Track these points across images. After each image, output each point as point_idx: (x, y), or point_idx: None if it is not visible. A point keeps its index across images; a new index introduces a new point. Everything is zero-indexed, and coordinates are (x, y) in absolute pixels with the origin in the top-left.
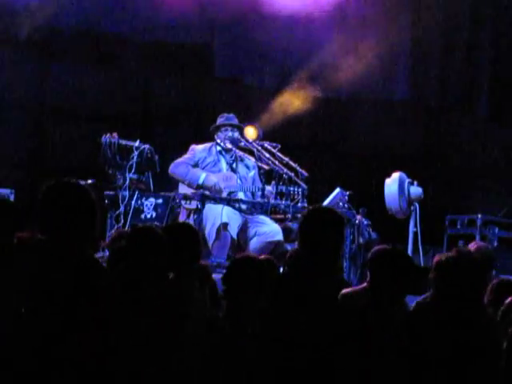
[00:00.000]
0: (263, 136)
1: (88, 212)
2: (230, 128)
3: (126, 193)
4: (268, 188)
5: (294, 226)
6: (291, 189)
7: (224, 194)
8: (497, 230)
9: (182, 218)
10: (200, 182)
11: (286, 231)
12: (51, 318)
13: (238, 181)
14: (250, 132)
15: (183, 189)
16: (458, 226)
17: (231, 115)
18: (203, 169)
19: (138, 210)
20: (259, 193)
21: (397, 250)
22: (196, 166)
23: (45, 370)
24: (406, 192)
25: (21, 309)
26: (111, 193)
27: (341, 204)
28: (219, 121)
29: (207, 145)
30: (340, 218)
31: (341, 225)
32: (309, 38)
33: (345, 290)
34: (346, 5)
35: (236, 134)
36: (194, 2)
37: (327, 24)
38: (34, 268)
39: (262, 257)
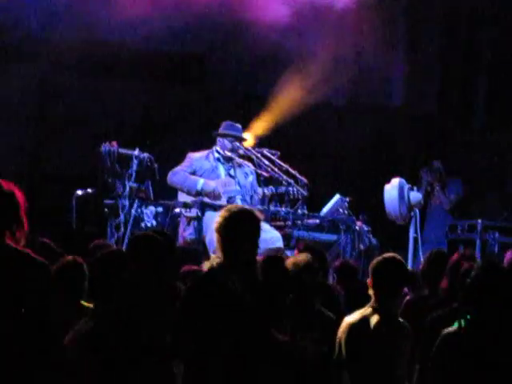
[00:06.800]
0: (259, 143)
1: (4, 206)
2: (236, 140)
3: (126, 201)
4: (266, 190)
5: (294, 232)
6: (290, 189)
7: (223, 200)
8: (497, 234)
9: (182, 226)
10: (198, 187)
11: (286, 238)
12: None
13: (237, 186)
14: (248, 138)
15: (183, 197)
16: (459, 232)
17: (238, 126)
18: (201, 176)
19: (138, 219)
20: (256, 196)
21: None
22: (194, 173)
23: None
24: (406, 198)
25: None
26: (111, 201)
27: (340, 210)
28: (226, 128)
29: (204, 152)
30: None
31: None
32: (303, 44)
33: None
34: (342, 12)
35: (237, 144)
36: (187, 12)
37: (322, 30)
38: None
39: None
